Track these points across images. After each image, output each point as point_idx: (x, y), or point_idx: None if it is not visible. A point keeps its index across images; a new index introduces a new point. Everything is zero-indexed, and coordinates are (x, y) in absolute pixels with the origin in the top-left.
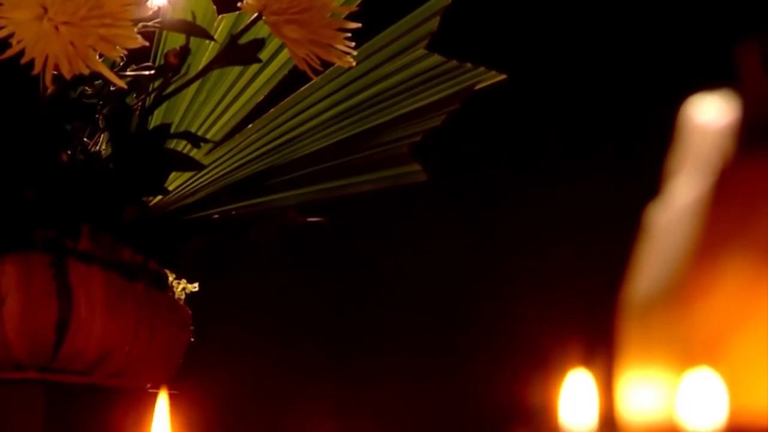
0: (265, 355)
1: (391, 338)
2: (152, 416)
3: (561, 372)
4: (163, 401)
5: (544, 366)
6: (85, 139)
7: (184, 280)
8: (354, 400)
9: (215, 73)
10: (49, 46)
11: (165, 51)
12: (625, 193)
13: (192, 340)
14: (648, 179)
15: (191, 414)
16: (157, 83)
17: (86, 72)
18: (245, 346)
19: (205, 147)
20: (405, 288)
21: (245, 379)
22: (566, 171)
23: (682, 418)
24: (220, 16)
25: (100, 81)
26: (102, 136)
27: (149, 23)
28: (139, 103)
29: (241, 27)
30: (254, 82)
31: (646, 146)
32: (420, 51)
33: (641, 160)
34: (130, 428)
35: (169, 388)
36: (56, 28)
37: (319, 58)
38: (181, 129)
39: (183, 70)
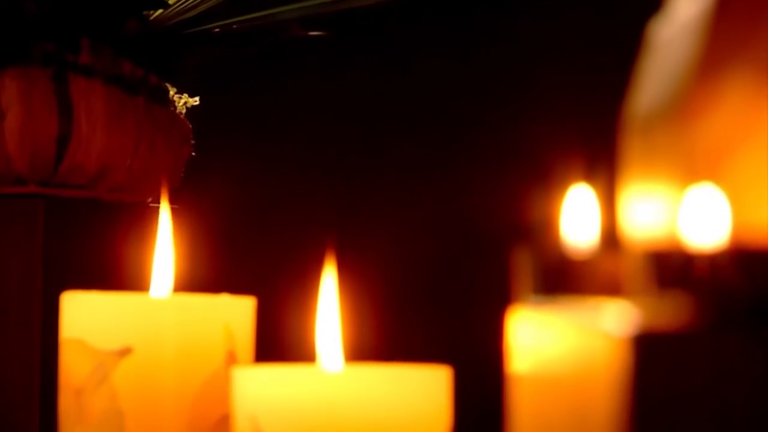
0: (266, 170)
1: (391, 156)
2: (153, 230)
3: (562, 187)
4: (164, 215)
5: (546, 181)
6: None
7: (185, 95)
8: (354, 217)
9: None
10: None
11: None
12: (626, 7)
13: (193, 154)
14: None
15: (192, 228)
16: None
17: None
18: (246, 160)
19: None
20: (405, 105)
21: (246, 193)
22: None
23: (685, 234)
24: None
25: None
26: None
27: None
28: None
29: None
30: None
31: None
32: None
33: None
34: (132, 242)
35: (170, 202)
36: None
37: None
38: None
39: None
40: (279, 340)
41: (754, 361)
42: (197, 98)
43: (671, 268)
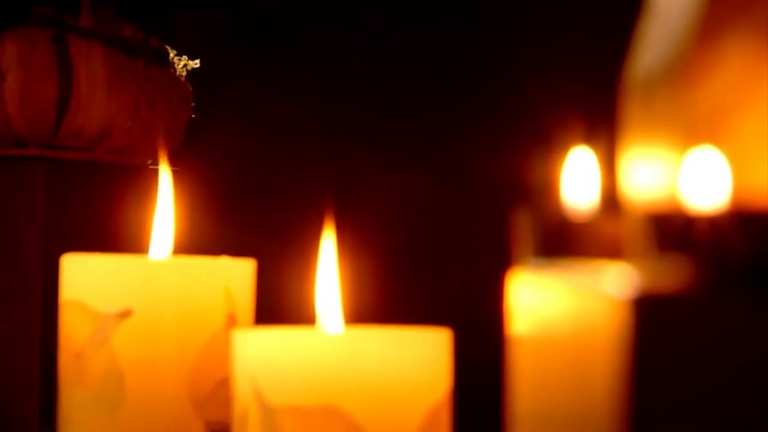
0: (267, 132)
1: (391, 118)
2: (153, 192)
3: (563, 149)
4: (164, 177)
5: (546, 143)
6: None
7: (185, 57)
8: (354, 179)
9: None
10: None
11: None
12: None
13: (193, 116)
14: None
15: (192, 190)
16: None
17: None
18: (247, 122)
19: None
20: (405, 66)
21: (246, 156)
22: None
23: (685, 197)
24: None
25: None
26: None
27: None
28: None
29: None
30: None
31: None
32: None
33: None
34: (131, 204)
35: (170, 165)
36: None
37: None
38: None
39: None
40: (279, 303)
41: (754, 324)
42: (197, 61)
43: (671, 230)
